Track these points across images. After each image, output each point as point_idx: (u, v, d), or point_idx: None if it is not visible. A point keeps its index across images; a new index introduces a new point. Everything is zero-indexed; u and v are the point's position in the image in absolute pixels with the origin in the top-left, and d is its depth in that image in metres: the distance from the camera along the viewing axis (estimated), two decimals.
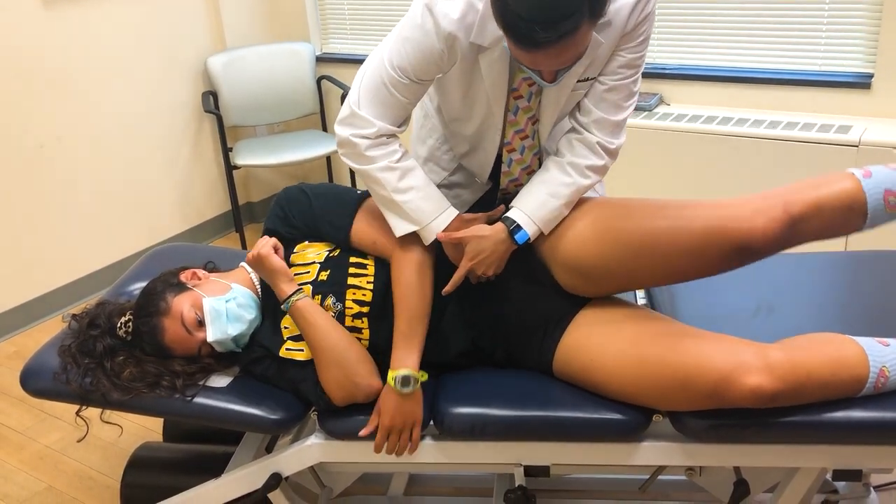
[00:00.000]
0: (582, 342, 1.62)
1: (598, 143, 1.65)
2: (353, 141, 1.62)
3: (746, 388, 1.45)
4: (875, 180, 1.54)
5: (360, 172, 1.65)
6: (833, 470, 1.64)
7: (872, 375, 1.49)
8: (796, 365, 1.47)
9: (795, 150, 2.68)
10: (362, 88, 1.62)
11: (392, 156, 1.63)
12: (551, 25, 1.32)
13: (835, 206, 1.53)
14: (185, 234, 3.75)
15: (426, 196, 1.64)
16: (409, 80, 1.57)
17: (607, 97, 1.63)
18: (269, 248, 1.68)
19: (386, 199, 1.65)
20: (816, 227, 1.53)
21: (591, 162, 1.65)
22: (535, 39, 1.34)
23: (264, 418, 1.64)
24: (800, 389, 1.47)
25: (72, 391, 1.68)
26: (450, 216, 1.65)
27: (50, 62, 3.09)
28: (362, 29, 3.83)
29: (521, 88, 1.66)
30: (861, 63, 2.79)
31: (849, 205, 1.53)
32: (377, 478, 2.16)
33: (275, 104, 3.74)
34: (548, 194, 1.64)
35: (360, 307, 1.68)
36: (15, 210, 3.08)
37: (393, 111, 1.62)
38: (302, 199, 1.75)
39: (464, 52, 1.56)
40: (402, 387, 1.59)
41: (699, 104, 3.05)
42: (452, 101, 1.71)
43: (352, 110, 1.62)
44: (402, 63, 1.56)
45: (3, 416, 2.63)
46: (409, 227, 1.64)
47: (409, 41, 1.54)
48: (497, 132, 1.72)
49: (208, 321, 1.66)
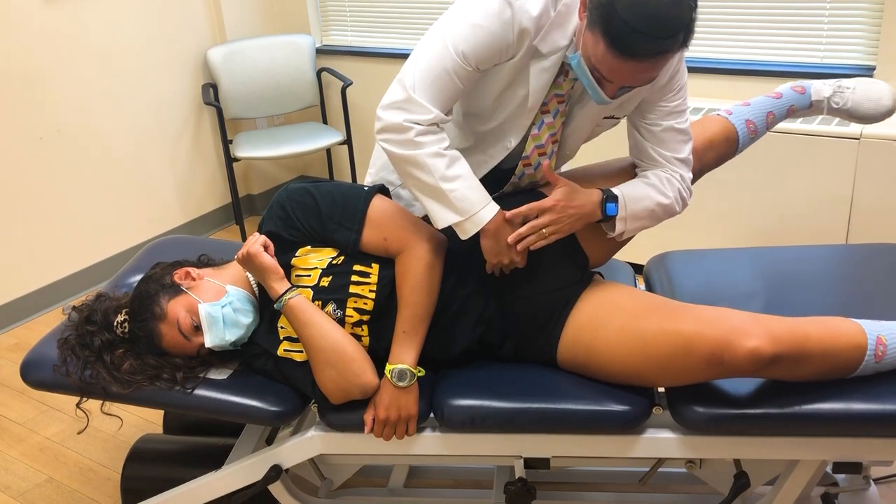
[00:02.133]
0: (584, 323, 1.63)
1: (682, 179, 1.71)
2: (407, 126, 1.55)
3: (745, 349, 1.46)
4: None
5: (405, 158, 1.57)
6: (833, 462, 1.64)
7: (871, 344, 1.50)
8: (795, 330, 1.48)
9: (797, 143, 2.67)
10: (419, 73, 1.56)
11: (441, 142, 1.58)
12: (655, 41, 1.36)
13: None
14: (185, 226, 3.75)
15: (472, 186, 1.59)
16: (471, 68, 1.55)
17: (667, 138, 1.69)
18: (259, 246, 1.63)
19: (431, 187, 1.58)
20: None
21: (679, 195, 1.71)
22: (636, 50, 1.37)
23: (264, 410, 1.64)
24: (799, 355, 1.48)
25: (72, 383, 1.67)
26: (494, 209, 1.60)
27: (50, 54, 3.08)
28: (362, 21, 3.81)
29: (550, 103, 1.66)
30: (863, 56, 2.78)
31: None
32: (377, 470, 2.16)
33: (275, 96, 3.73)
34: (645, 195, 1.66)
35: (360, 315, 1.66)
36: (15, 202, 3.07)
37: (448, 99, 1.58)
38: (307, 200, 1.68)
39: (522, 53, 1.56)
40: (398, 380, 1.59)
41: (701, 96, 3.04)
42: (482, 97, 1.67)
43: (408, 95, 1.55)
44: (467, 50, 1.53)
45: (4, 408, 2.64)
46: (454, 217, 1.58)
47: (480, 29, 1.52)
48: (509, 141, 1.70)
49: (205, 327, 1.64)
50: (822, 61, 2.86)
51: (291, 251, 1.69)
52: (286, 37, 3.75)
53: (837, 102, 1.93)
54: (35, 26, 3.02)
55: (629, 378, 1.60)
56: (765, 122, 1.95)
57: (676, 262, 2.03)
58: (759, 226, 2.85)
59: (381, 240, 1.66)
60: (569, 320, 1.65)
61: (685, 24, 1.37)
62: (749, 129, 1.92)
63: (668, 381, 1.58)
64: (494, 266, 1.65)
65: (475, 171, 1.80)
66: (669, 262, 2.03)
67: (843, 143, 2.60)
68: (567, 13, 1.55)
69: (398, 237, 1.64)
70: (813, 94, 1.94)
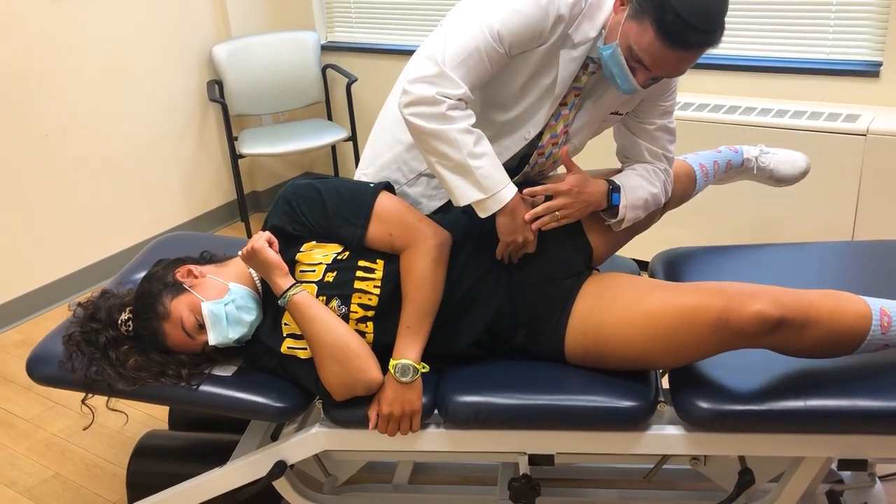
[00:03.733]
0: (589, 308, 1.65)
1: (665, 171, 1.82)
2: (439, 98, 1.54)
3: (751, 311, 1.47)
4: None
5: (434, 133, 1.56)
6: (838, 459, 1.64)
7: (875, 314, 1.50)
8: (798, 296, 1.50)
9: (803, 139, 2.66)
10: (449, 50, 1.56)
11: (470, 118, 1.59)
12: (705, 33, 1.45)
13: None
14: (190, 223, 3.75)
15: (496, 165, 1.60)
16: (503, 51, 1.57)
17: (659, 136, 1.80)
18: (264, 241, 1.64)
19: (458, 163, 1.57)
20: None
21: (665, 188, 1.81)
22: (686, 41, 1.46)
23: (269, 406, 1.64)
24: (804, 320, 1.48)
25: (77, 379, 1.68)
26: (514, 189, 1.62)
27: (55, 52, 3.09)
28: (367, 18, 3.81)
29: (568, 96, 1.70)
30: (870, 51, 2.77)
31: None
32: (382, 466, 2.17)
33: (280, 93, 3.73)
34: (639, 186, 1.75)
35: (365, 311, 1.66)
36: (20, 199, 3.08)
37: (477, 78, 1.59)
38: (312, 195, 1.69)
39: (554, 40, 1.60)
40: (401, 375, 1.60)
41: (706, 93, 3.03)
42: (506, 85, 1.69)
43: (439, 69, 1.55)
44: (503, 31, 1.55)
45: (10, 404, 2.65)
46: (477, 194, 1.59)
47: (518, 13, 1.55)
48: (527, 131, 1.72)
49: (209, 326, 1.64)
50: (829, 57, 2.85)
51: (296, 246, 1.70)
52: (291, 33, 3.75)
53: (763, 162, 2.08)
54: (40, 24, 3.03)
55: (637, 359, 1.60)
56: (712, 169, 2.06)
57: (681, 258, 2.02)
58: (765, 222, 2.84)
59: (386, 235, 1.66)
60: (574, 308, 1.66)
61: (724, 18, 1.47)
62: (703, 172, 2.04)
63: (675, 356, 1.58)
64: (508, 245, 1.66)
65: None
66: (674, 258, 2.03)
67: (850, 139, 2.59)
68: (597, 5, 1.61)
69: (403, 233, 1.65)
70: (744, 153, 2.09)
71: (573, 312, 1.66)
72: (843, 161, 2.62)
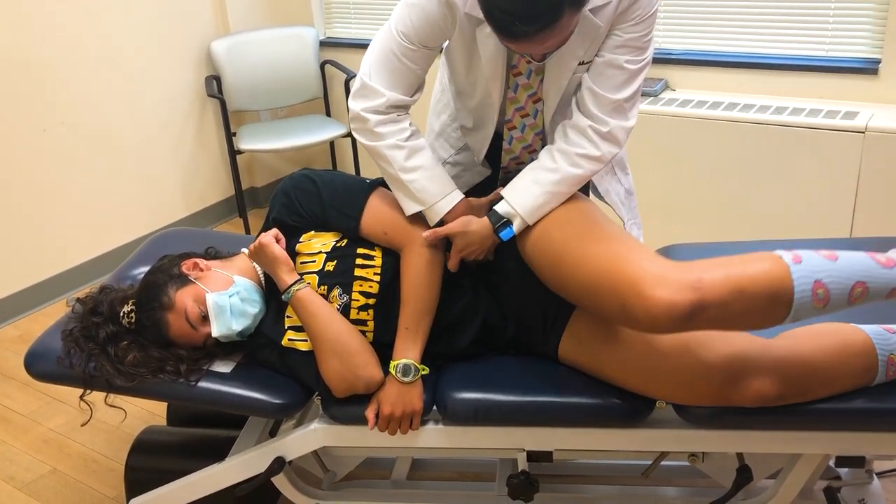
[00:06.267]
0: (588, 329, 1.62)
1: (591, 127, 1.59)
2: (364, 116, 1.62)
3: (750, 393, 1.45)
4: (805, 268, 1.32)
5: (369, 149, 1.66)
6: (836, 456, 1.64)
7: (882, 366, 1.48)
8: (800, 362, 1.45)
9: (801, 136, 2.66)
10: (372, 59, 1.63)
11: (401, 133, 1.63)
12: (530, 19, 1.32)
13: (757, 290, 1.30)
14: (188, 218, 3.75)
15: (432, 177, 1.64)
16: (416, 47, 1.58)
17: (604, 72, 1.56)
18: (271, 237, 1.67)
19: (393, 178, 1.66)
20: (730, 313, 1.32)
21: (582, 150, 1.60)
22: (513, 31, 1.35)
23: (268, 402, 1.65)
24: (806, 388, 1.46)
25: (75, 375, 1.68)
26: (454, 199, 1.65)
27: (54, 46, 3.08)
28: (366, 13, 3.80)
29: (520, 65, 1.66)
30: (868, 49, 2.77)
31: (773, 292, 1.30)
32: (380, 462, 2.17)
33: (278, 89, 3.72)
34: (532, 181, 1.61)
35: (366, 299, 1.67)
36: (18, 194, 3.07)
37: (403, 79, 1.62)
38: (309, 187, 1.72)
39: (462, 22, 1.57)
40: (403, 375, 1.60)
41: (705, 89, 3.03)
42: (458, 74, 1.72)
43: (363, 82, 1.63)
44: (406, 29, 1.57)
45: (8, 400, 2.64)
46: (415, 206, 1.65)
47: (413, 7, 1.56)
48: (495, 108, 1.72)
49: (212, 317, 1.65)
50: (828, 54, 2.85)
51: (295, 237, 1.73)
52: (290, 29, 3.75)
53: None
54: (39, 19, 3.02)
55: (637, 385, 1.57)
56: (847, 295, 1.35)
57: (682, 255, 2.02)
58: (764, 219, 2.84)
59: (381, 233, 1.69)
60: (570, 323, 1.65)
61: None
62: (816, 297, 1.33)
63: (673, 391, 1.54)
64: (461, 253, 1.66)
65: (480, 149, 1.83)
66: (675, 255, 2.03)
67: (848, 136, 2.60)
68: None
69: (398, 231, 1.67)
70: None
71: (569, 325, 1.65)
72: (842, 158, 2.62)
